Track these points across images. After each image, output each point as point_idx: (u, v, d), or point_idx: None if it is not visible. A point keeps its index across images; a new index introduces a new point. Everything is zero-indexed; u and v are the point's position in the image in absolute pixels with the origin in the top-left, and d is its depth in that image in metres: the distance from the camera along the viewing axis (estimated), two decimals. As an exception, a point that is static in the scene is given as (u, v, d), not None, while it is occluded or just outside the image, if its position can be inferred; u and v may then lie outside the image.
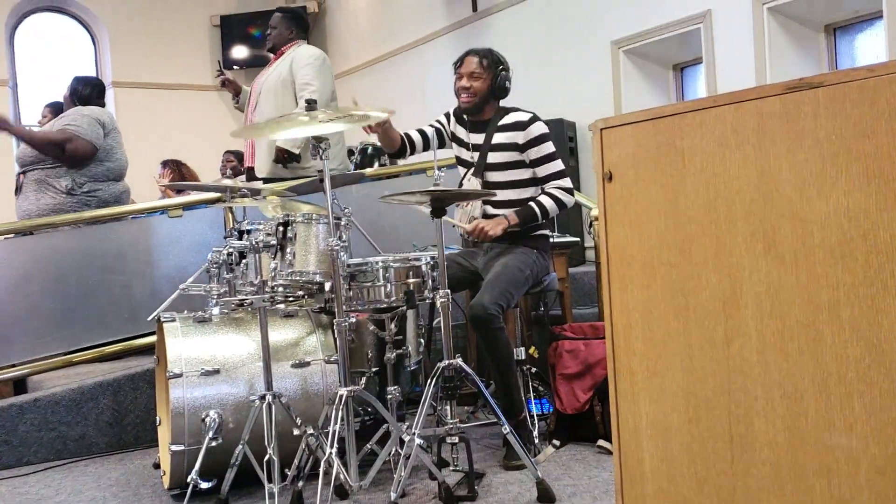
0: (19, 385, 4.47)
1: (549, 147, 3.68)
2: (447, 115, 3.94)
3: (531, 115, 3.70)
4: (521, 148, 3.66)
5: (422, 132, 3.89)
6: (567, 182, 3.69)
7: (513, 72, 3.77)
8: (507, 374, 3.44)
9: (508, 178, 3.69)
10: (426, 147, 3.85)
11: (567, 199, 3.66)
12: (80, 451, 4.01)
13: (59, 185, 4.93)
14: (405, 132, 3.83)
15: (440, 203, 3.07)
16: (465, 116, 3.81)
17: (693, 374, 1.73)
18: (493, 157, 3.70)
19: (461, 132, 3.85)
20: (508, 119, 3.70)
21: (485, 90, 3.70)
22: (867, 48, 5.70)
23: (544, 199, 3.63)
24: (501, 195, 3.66)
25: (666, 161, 1.74)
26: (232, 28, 11.08)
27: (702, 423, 1.73)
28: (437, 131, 3.89)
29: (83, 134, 4.95)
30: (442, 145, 3.90)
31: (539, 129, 3.67)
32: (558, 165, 3.70)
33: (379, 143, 3.93)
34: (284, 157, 4.99)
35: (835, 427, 1.50)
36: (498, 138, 3.69)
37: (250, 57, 10.97)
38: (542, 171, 3.68)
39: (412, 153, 3.89)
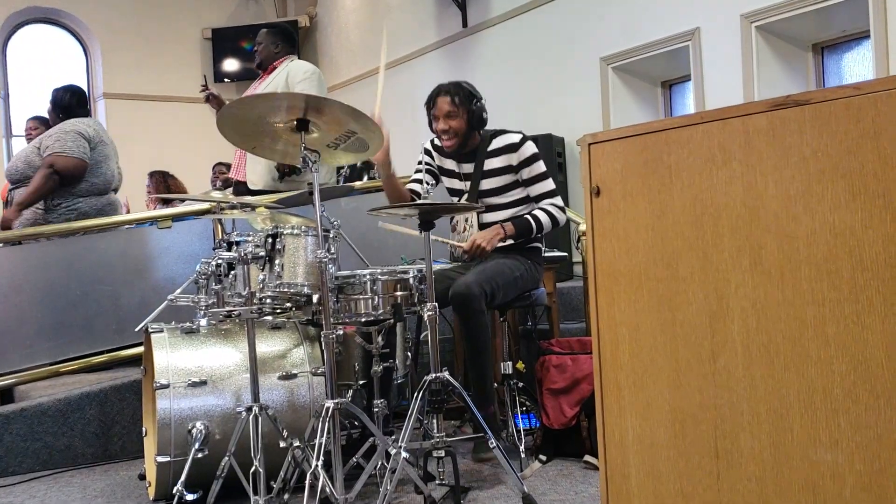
0: (6, 395, 4.44)
1: (540, 166, 3.68)
2: (428, 152, 3.89)
3: (521, 135, 3.70)
4: (515, 169, 3.66)
5: (418, 181, 3.84)
6: (559, 200, 3.70)
7: (497, 89, 3.77)
8: (482, 360, 3.42)
9: (505, 201, 3.70)
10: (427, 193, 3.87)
11: (560, 216, 3.67)
12: (65, 461, 3.99)
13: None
14: (409, 189, 3.80)
15: (428, 216, 3.08)
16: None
17: (679, 388, 1.74)
18: (486, 184, 3.70)
19: (450, 164, 3.83)
20: (498, 143, 3.69)
21: (463, 128, 3.65)
22: (855, 67, 5.75)
23: (540, 214, 3.63)
24: (498, 216, 3.68)
25: (653, 176, 1.75)
26: (223, 41, 11.09)
27: (688, 438, 1.73)
28: (429, 172, 3.87)
29: (67, 151, 4.87)
30: (437, 181, 3.89)
31: (531, 148, 3.67)
32: (550, 185, 3.70)
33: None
34: (286, 171, 5.01)
35: (820, 443, 1.51)
36: (490, 164, 3.68)
37: (241, 70, 10.98)
38: (535, 190, 3.69)
39: None
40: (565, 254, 4.88)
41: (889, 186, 1.40)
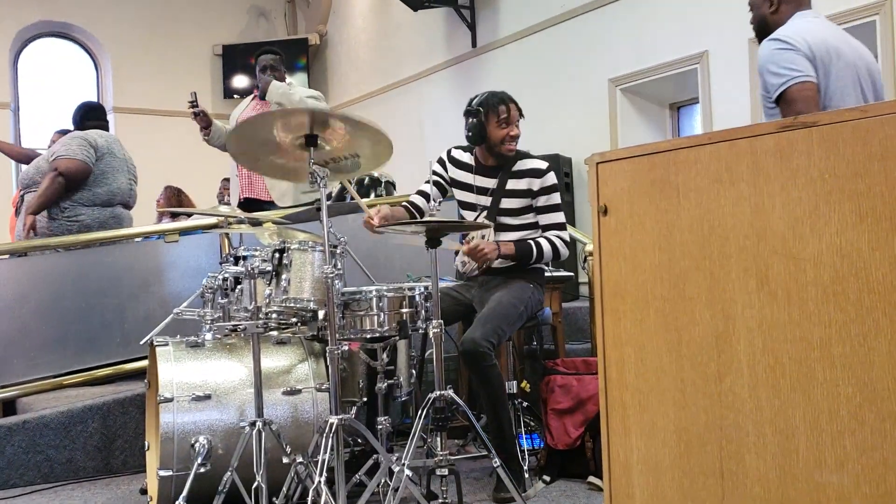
0: (8, 406, 4.45)
1: (557, 198, 3.72)
2: (442, 162, 3.88)
3: (547, 164, 3.73)
4: (534, 194, 3.67)
5: (423, 193, 3.84)
6: (566, 234, 3.72)
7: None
8: (500, 410, 3.38)
9: (520, 223, 3.69)
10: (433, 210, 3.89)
11: (563, 250, 3.68)
12: (67, 474, 3.98)
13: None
14: (410, 202, 3.82)
15: (435, 234, 3.08)
16: (469, 160, 3.80)
17: (685, 409, 1.73)
18: (506, 203, 3.70)
19: (463, 176, 3.81)
20: (524, 165, 3.70)
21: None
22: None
23: (543, 243, 3.62)
24: (510, 238, 3.65)
25: (661, 196, 1.75)
26: (234, 57, 11.14)
27: (693, 458, 1.72)
28: (437, 184, 3.83)
29: (70, 154, 4.93)
30: (444, 194, 3.88)
31: (553, 179, 3.71)
32: (561, 217, 3.73)
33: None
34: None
35: (826, 465, 1.50)
36: (513, 184, 3.69)
37: (251, 87, 11.00)
38: (546, 219, 3.70)
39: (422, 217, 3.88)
40: (571, 274, 4.87)
41: (897, 209, 1.40)
